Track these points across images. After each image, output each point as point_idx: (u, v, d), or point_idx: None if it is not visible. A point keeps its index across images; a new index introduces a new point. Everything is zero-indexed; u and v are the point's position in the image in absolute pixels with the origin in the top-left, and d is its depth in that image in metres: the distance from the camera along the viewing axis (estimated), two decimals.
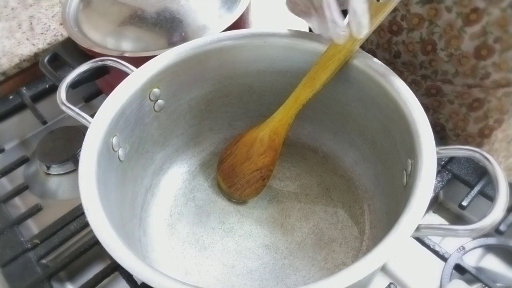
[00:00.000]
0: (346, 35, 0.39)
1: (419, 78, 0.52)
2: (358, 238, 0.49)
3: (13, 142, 0.69)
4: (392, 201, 0.44)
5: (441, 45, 0.49)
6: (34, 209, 0.54)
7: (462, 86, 0.51)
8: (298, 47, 0.49)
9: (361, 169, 0.52)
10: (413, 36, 0.50)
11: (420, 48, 0.50)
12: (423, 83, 0.52)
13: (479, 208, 0.51)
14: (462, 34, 0.47)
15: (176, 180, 0.55)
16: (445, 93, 0.52)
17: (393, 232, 0.33)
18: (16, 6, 0.77)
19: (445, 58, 0.49)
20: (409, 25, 0.49)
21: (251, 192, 0.53)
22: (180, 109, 0.52)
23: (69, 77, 0.46)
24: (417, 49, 0.50)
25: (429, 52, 0.49)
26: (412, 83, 0.53)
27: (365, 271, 0.31)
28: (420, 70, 0.51)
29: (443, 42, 0.48)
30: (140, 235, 0.48)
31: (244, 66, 0.52)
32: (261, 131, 0.51)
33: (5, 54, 0.70)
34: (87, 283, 0.47)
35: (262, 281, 0.46)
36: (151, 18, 0.57)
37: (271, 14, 0.83)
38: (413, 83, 0.52)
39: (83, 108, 0.70)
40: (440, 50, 0.49)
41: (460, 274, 0.46)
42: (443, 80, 0.51)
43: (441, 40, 0.48)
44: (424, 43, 0.49)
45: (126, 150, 0.46)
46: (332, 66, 0.45)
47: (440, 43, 0.49)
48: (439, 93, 0.52)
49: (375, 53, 0.54)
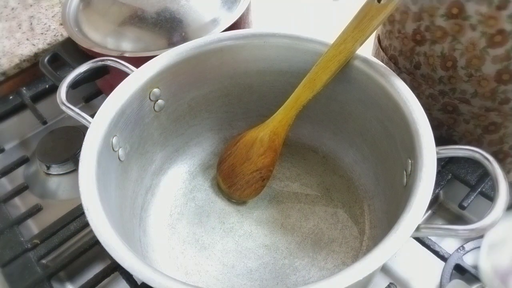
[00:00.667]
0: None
1: (436, 93, 0.50)
2: (358, 238, 0.49)
3: (13, 142, 0.69)
4: (392, 201, 0.44)
5: (462, 63, 0.46)
6: (34, 209, 0.54)
7: (479, 108, 0.48)
8: (298, 47, 0.49)
9: (361, 169, 0.52)
10: (434, 49, 0.48)
11: (440, 63, 0.48)
12: (440, 99, 0.50)
13: (479, 208, 0.51)
14: (484, 55, 0.45)
15: (176, 180, 0.55)
16: (461, 112, 0.50)
17: (393, 232, 0.33)
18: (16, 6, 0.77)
19: (465, 77, 0.47)
20: (432, 37, 0.47)
21: (250, 193, 0.53)
22: (180, 109, 0.52)
23: (69, 77, 0.46)
24: (437, 63, 0.48)
25: (449, 68, 0.47)
26: (430, 97, 0.51)
27: (365, 271, 0.31)
28: (439, 85, 0.49)
29: (464, 61, 0.46)
30: (140, 235, 0.48)
31: (244, 66, 0.52)
32: (261, 132, 0.51)
33: (5, 54, 0.70)
34: (87, 283, 0.47)
35: (262, 281, 0.46)
36: (151, 18, 0.57)
37: (271, 14, 0.83)
38: (430, 97, 0.51)
39: (83, 108, 0.70)
40: (460, 68, 0.47)
41: (460, 274, 0.46)
42: (460, 99, 0.49)
43: (462, 58, 0.46)
44: (445, 58, 0.47)
45: (126, 150, 0.46)
46: (332, 67, 0.45)
47: (461, 61, 0.46)
48: (455, 111, 0.50)
49: (397, 60, 0.53)
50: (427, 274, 0.48)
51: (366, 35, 0.43)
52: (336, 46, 0.45)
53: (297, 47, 0.49)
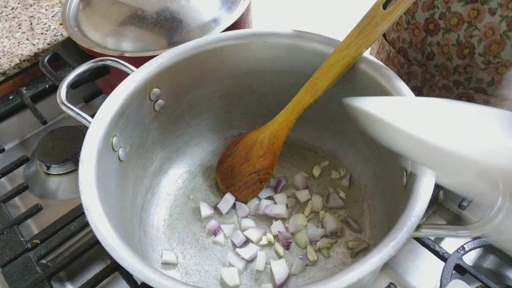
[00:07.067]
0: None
1: (451, 84, 0.49)
2: (358, 238, 0.49)
3: (13, 142, 0.69)
4: (392, 201, 0.44)
5: (480, 50, 0.46)
6: (34, 209, 0.54)
7: (496, 97, 0.47)
8: (298, 47, 0.49)
9: (361, 169, 0.52)
10: (449, 38, 0.47)
11: (456, 51, 0.47)
12: (455, 90, 0.49)
13: (479, 208, 0.51)
14: (504, 40, 0.44)
15: (176, 180, 0.55)
16: (476, 102, 0.49)
17: (393, 232, 0.33)
18: (16, 6, 0.77)
19: (482, 65, 0.46)
20: (446, 25, 0.46)
21: (248, 194, 0.53)
22: (180, 109, 0.52)
23: (69, 77, 0.46)
24: (452, 52, 0.47)
25: (465, 56, 0.47)
26: (443, 88, 0.50)
27: (365, 271, 0.31)
28: (454, 75, 0.49)
29: (482, 47, 0.45)
30: (140, 235, 0.48)
31: (244, 66, 0.52)
32: (261, 134, 0.51)
33: (5, 54, 0.70)
34: (87, 283, 0.47)
35: (262, 281, 0.46)
36: (151, 18, 0.57)
37: (271, 14, 0.83)
38: (444, 89, 0.50)
39: (83, 108, 0.70)
40: (478, 55, 0.46)
41: (460, 274, 0.46)
42: (476, 88, 0.48)
43: (480, 45, 0.45)
44: (461, 46, 0.46)
45: (126, 150, 0.46)
46: (335, 72, 0.45)
47: (479, 48, 0.45)
48: (470, 102, 0.49)
49: (407, 52, 0.52)
50: (427, 274, 0.48)
51: (370, 41, 0.43)
52: (339, 51, 0.45)
53: (297, 47, 0.49)
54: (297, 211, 0.52)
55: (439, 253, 0.47)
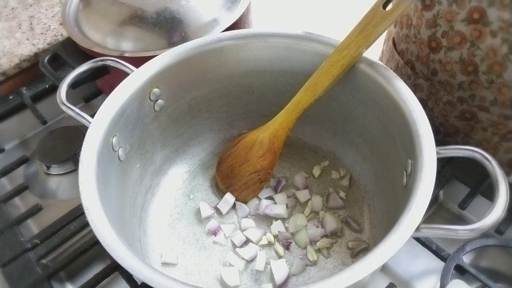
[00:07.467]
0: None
1: (455, 100, 0.49)
2: (358, 238, 0.49)
3: (13, 142, 0.69)
4: (392, 201, 0.44)
5: (483, 68, 0.46)
6: (34, 209, 0.54)
7: (498, 116, 0.48)
8: (298, 47, 0.49)
9: (361, 169, 0.52)
10: (451, 56, 0.47)
11: (459, 68, 0.47)
12: (459, 106, 0.49)
13: (479, 208, 0.51)
14: (506, 62, 0.44)
15: (176, 180, 0.55)
16: (479, 119, 0.49)
17: (393, 232, 0.33)
18: (16, 6, 0.77)
19: (486, 84, 0.46)
20: (449, 43, 0.47)
21: (248, 194, 0.53)
22: (180, 109, 0.52)
23: (69, 77, 0.46)
24: (456, 69, 0.47)
25: (470, 73, 0.47)
26: (447, 104, 0.50)
27: (365, 271, 0.31)
28: (458, 91, 0.49)
29: (485, 66, 0.45)
30: (140, 235, 0.48)
31: (244, 66, 0.52)
32: (261, 134, 0.51)
33: (5, 54, 0.70)
34: (87, 283, 0.47)
35: (262, 281, 0.46)
36: (151, 18, 0.57)
37: (271, 14, 0.83)
38: (448, 104, 0.50)
39: (83, 108, 0.70)
40: (481, 73, 0.46)
41: (460, 274, 0.46)
42: (479, 106, 0.48)
43: (483, 64, 0.45)
44: (465, 63, 0.46)
45: (126, 150, 0.46)
46: (335, 73, 0.45)
47: (482, 66, 0.46)
48: (473, 119, 0.49)
49: (414, 65, 0.52)
50: (427, 274, 0.48)
51: (370, 41, 0.43)
52: (339, 51, 0.45)
53: (297, 47, 0.49)
54: (297, 211, 0.52)
55: (439, 253, 0.47)
